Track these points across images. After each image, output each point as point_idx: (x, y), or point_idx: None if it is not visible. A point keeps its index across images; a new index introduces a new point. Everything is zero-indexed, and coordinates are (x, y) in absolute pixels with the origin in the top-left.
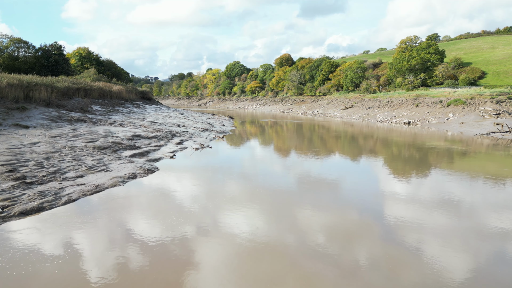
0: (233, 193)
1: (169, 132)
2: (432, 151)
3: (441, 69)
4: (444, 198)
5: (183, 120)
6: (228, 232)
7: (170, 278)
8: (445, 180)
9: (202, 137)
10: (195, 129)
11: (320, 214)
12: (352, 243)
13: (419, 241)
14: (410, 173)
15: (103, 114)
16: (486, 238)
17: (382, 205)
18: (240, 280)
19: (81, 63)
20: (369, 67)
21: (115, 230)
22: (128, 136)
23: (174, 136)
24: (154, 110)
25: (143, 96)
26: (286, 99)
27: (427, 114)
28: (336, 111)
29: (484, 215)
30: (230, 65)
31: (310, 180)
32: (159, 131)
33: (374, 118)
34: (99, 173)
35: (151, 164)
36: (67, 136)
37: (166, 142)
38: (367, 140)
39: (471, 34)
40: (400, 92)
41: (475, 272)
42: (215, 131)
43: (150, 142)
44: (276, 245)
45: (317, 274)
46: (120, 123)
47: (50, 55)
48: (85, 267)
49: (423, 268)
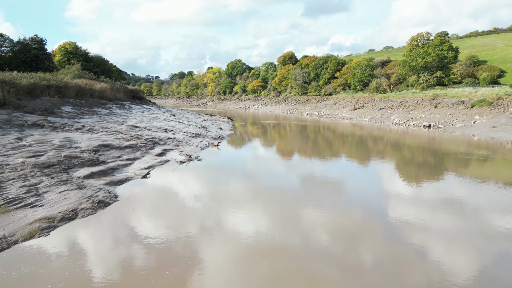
0: (224, 249)
1: (150, 139)
2: (481, 164)
3: (459, 67)
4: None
5: (173, 123)
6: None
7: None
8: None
9: (192, 145)
10: (185, 135)
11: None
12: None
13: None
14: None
15: (72, 117)
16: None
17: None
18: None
19: (67, 59)
20: (377, 65)
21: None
22: (92, 147)
23: (156, 144)
24: (141, 111)
25: (134, 95)
26: (289, 99)
27: (449, 116)
28: (345, 112)
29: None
30: (232, 64)
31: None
32: (137, 138)
33: (388, 120)
34: (20, 210)
35: (110, 191)
36: (2, 148)
37: (144, 153)
38: (398, 151)
39: (482, 32)
40: (414, 92)
41: None
42: (209, 136)
43: (122, 154)
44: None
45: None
46: (90, 128)
47: (29, 49)
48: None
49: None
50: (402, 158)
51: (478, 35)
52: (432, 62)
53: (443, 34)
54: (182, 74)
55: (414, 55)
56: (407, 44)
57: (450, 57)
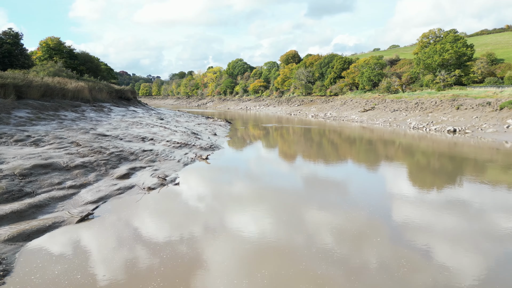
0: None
1: (117, 153)
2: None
3: (479, 65)
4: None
5: (156, 130)
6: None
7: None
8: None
9: (173, 160)
10: (167, 145)
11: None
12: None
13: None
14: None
15: (22, 124)
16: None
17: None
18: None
19: (49, 56)
20: (385, 64)
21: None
22: (22, 169)
23: (124, 160)
24: (122, 114)
25: (121, 96)
26: (292, 99)
27: (476, 120)
28: (354, 114)
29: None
30: (232, 63)
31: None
32: (99, 152)
33: (404, 123)
34: None
35: (3, 257)
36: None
37: (100, 175)
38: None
39: (493, 30)
40: (430, 92)
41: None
42: (198, 146)
43: (65, 179)
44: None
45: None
46: (37, 139)
47: (1, 44)
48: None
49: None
50: (455, 178)
51: (489, 33)
52: (449, 60)
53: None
54: (183, 74)
55: (429, 52)
56: (418, 42)
57: (469, 54)
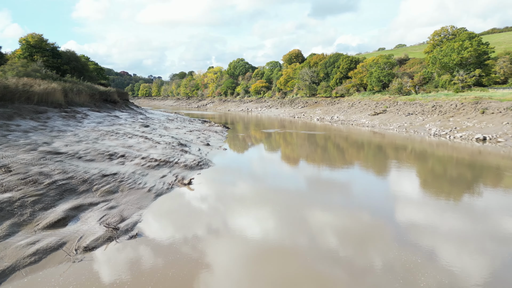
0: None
1: (63, 182)
2: None
3: (502, 64)
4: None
5: (133, 141)
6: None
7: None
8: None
9: (143, 188)
10: (141, 163)
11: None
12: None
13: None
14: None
15: None
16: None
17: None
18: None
19: (29, 54)
20: (395, 63)
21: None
22: None
23: (69, 193)
24: (98, 121)
25: (106, 98)
26: (296, 101)
27: (508, 126)
28: (363, 118)
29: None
30: (234, 63)
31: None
32: (33, 182)
33: (422, 129)
34: None
35: None
36: None
37: (18, 224)
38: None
39: (505, 28)
40: (448, 94)
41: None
42: (183, 164)
43: None
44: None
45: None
46: None
47: None
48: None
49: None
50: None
51: (500, 31)
52: (469, 59)
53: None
54: (183, 74)
55: (447, 50)
56: (429, 40)
57: (490, 53)
